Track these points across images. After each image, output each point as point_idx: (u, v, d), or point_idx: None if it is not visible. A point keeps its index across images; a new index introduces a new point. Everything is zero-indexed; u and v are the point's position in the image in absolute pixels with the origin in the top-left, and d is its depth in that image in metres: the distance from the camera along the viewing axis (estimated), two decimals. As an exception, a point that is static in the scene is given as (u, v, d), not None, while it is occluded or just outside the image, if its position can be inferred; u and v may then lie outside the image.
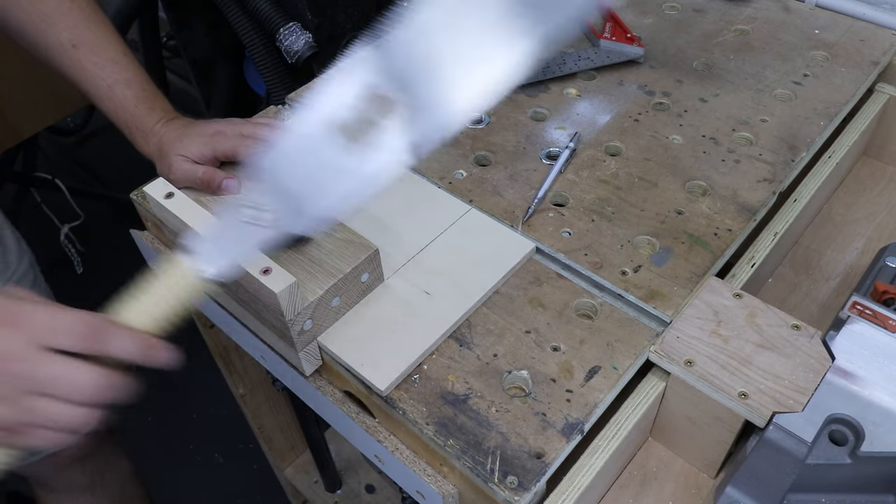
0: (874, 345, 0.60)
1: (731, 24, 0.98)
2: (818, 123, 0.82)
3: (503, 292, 0.69)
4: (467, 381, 0.62)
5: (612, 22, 0.95)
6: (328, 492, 1.37)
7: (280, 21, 1.17)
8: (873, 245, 0.82)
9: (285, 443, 1.34)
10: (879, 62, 0.89)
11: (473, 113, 0.72)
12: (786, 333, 0.62)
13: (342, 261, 0.64)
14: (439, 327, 0.64)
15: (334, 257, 0.64)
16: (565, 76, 0.91)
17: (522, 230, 0.73)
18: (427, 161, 0.81)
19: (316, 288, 0.61)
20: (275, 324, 0.62)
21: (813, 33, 0.95)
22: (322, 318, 0.63)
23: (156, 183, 0.67)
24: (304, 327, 0.62)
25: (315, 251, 0.65)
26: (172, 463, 1.67)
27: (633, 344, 0.64)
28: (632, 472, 0.66)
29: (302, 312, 0.60)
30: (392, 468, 0.66)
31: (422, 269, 0.69)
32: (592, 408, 0.59)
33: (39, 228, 1.98)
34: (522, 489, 0.55)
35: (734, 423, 0.59)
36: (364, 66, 0.45)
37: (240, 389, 1.11)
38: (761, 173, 0.77)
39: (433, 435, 0.58)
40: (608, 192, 0.76)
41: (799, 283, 0.79)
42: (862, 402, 0.56)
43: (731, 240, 0.71)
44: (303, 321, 0.61)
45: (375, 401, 0.63)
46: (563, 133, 0.84)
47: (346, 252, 0.64)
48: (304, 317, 0.61)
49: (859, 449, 0.54)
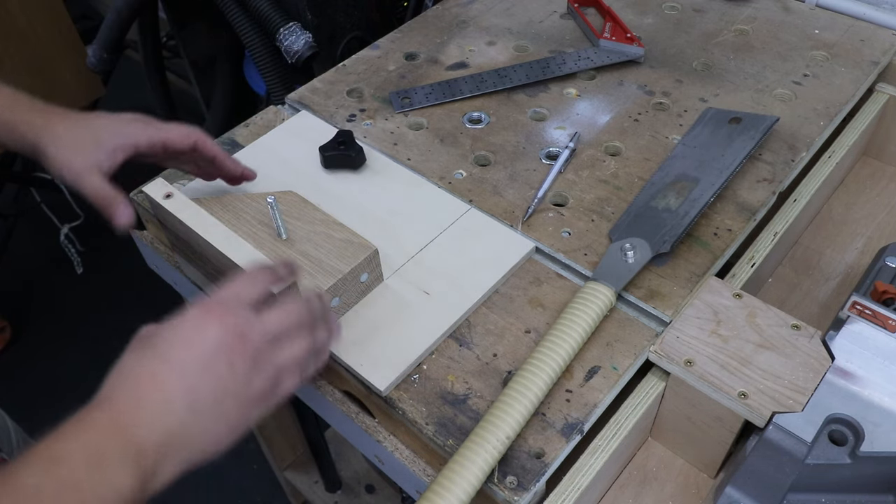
0: (874, 345, 0.59)
1: (731, 24, 0.98)
2: (818, 123, 0.82)
3: (503, 292, 0.69)
4: (467, 381, 0.62)
5: (611, 22, 0.95)
6: (328, 492, 1.37)
7: (280, 21, 1.17)
8: (873, 245, 0.82)
9: (285, 443, 1.34)
10: (879, 62, 0.89)
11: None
12: (786, 333, 0.61)
13: (341, 261, 0.64)
14: (439, 327, 0.64)
15: (333, 257, 0.64)
16: (565, 76, 0.91)
17: (522, 230, 0.73)
18: (427, 161, 0.81)
19: (315, 288, 0.61)
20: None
21: (813, 33, 0.95)
22: None
23: (155, 183, 0.67)
24: None
25: (314, 251, 0.65)
26: (172, 463, 1.66)
27: (632, 344, 0.64)
28: (632, 472, 0.66)
29: None
30: (392, 468, 0.66)
31: (422, 269, 0.69)
32: (592, 408, 0.59)
33: (39, 228, 1.98)
34: (522, 489, 0.55)
35: (734, 423, 0.59)
36: None
37: (240, 389, 1.11)
38: (761, 173, 0.77)
39: (433, 435, 0.58)
40: (608, 192, 0.76)
41: (799, 283, 0.79)
42: (862, 402, 0.56)
43: (731, 240, 0.71)
44: None
45: (375, 401, 0.63)
46: (563, 133, 0.84)
47: (346, 252, 0.64)
48: None
49: (859, 449, 0.53)
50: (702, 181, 0.73)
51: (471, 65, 0.94)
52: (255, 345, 0.47)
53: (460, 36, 0.99)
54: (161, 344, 0.46)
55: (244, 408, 0.47)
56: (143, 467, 0.42)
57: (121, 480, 0.41)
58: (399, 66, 0.94)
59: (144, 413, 0.43)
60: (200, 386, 0.45)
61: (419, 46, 0.97)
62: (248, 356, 0.47)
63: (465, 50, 0.96)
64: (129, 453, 0.42)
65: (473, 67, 0.93)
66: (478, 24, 1.01)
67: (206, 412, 0.45)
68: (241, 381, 0.46)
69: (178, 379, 0.44)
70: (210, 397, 0.45)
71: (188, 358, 0.45)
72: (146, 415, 0.43)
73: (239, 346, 0.46)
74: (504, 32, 0.99)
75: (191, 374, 0.45)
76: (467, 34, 0.99)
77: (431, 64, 0.94)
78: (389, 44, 0.98)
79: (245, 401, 0.47)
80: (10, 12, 1.71)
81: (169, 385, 0.44)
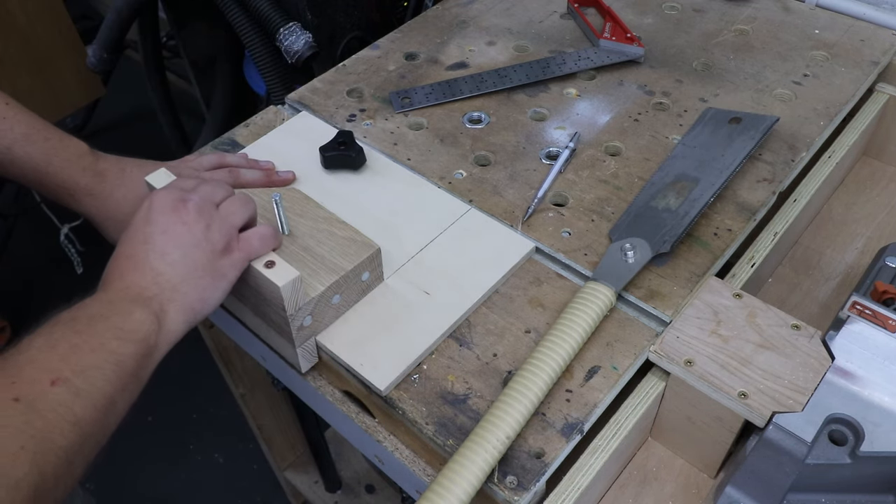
0: (874, 345, 0.59)
1: (731, 24, 0.98)
2: (818, 123, 0.82)
3: (503, 292, 0.69)
4: (467, 381, 0.62)
5: (611, 22, 0.95)
6: (328, 492, 1.37)
7: (280, 21, 1.17)
8: (873, 245, 0.82)
9: (285, 443, 1.34)
10: (879, 62, 0.89)
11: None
12: (786, 333, 0.61)
13: (344, 258, 0.64)
14: (439, 327, 0.64)
15: (336, 254, 0.64)
16: (565, 76, 0.91)
17: (522, 230, 0.73)
18: (427, 161, 0.81)
19: (317, 284, 0.61)
20: (274, 318, 0.62)
21: (813, 33, 0.95)
22: (322, 315, 0.63)
23: (158, 173, 0.66)
24: (304, 323, 0.62)
25: (317, 247, 0.65)
26: (172, 463, 1.67)
27: (632, 344, 0.64)
28: (632, 471, 0.66)
29: (303, 308, 0.60)
30: (392, 468, 0.66)
31: (422, 268, 0.69)
32: (592, 408, 0.59)
33: (39, 228, 1.98)
34: (522, 489, 0.55)
35: (734, 422, 0.59)
36: None
37: (240, 389, 1.11)
38: (761, 173, 0.77)
39: (433, 435, 0.58)
40: (608, 192, 0.76)
41: (799, 283, 0.79)
42: (862, 402, 0.56)
43: (731, 240, 0.71)
44: (303, 317, 0.61)
45: (375, 401, 0.63)
46: (563, 133, 0.84)
47: (349, 250, 0.64)
48: (305, 312, 0.61)
49: (859, 449, 0.54)
50: (702, 181, 0.73)
51: (471, 65, 0.94)
52: (195, 202, 0.58)
53: (460, 36, 0.99)
54: (127, 235, 0.57)
55: (213, 256, 0.57)
56: (152, 308, 0.53)
57: (137, 314, 0.52)
58: (399, 66, 0.94)
59: (132, 276, 0.54)
60: (166, 247, 0.55)
61: (419, 46, 0.97)
62: (193, 212, 0.57)
63: (465, 50, 0.96)
64: (134, 298, 0.53)
65: (473, 67, 0.93)
66: (478, 24, 1.01)
67: (180, 264, 0.55)
68: (199, 234, 0.56)
69: (149, 249, 0.55)
70: (178, 252, 0.56)
71: (150, 231, 0.56)
72: (134, 276, 0.54)
73: (182, 207, 0.57)
74: (504, 32, 0.99)
75: (157, 241, 0.56)
76: (467, 34, 0.99)
77: (431, 64, 0.94)
78: (389, 44, 0.98)
79: (211, 251, 0.57)
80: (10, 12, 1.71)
81: (143, 255, 0.55)
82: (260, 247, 0.59)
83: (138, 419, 1.72)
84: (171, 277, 0.55)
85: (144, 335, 0.52)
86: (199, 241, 0.56)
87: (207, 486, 1.61)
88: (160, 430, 1.71)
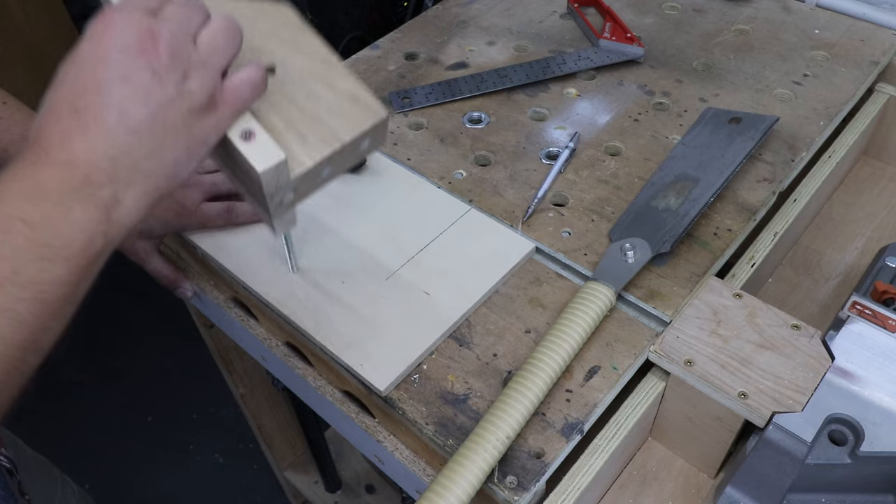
0: (874, 345, 0.60)
1: (731, 24, 0.98)
2: (818, 123, 0.82)
3: (503, 292, 0.69)
4: (467, 381, 0.62)
5: (611, 22, 0.95)
6: (328, 492, 1.37)
7: (280, 21, 1.17)
8: (873, 245, 0.82)
9: (285, 443, 1.34)
10: (879, 62, 0.89)
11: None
12: (786, 333, 0.61)
13: (343, 123, 0.49)
14: (439, 327, 0.64)
15: (334, 116, 0.49)
16: (565, 76, 0.91)
17: (522, 230, 0.73)
18: (427, 161, 0.81)
19: (305, 158, 0.47)
20: (249, 188, 0.51)
21: (813, 33, 0.95)
22: (307, 188, 0.52)
23: None
24: (284, 200, 0.50)
25: (309, 102, 0.49)
26: (172, 463, 1.67)
27: (632, 344, 0.64)
28: (632, 472, 0.66)
29: (285, 186, 0.48)
30: (392, 468, 0.66)
31: (422, 269, 0.69)
32: (592, 408, 0.59)
33: (39, 228, 1.97)
34: (522, 489, 0.55)
35: (734, 423, 0.59)
36: None
37: (240, 389, 1.11)
38: (761, 173, 0.77)
39: (433, 435, 0.58)
40: (608, 192, 0.76)
41: (799, 283, 0.79)
42: (862, 402, 0.56)
43: (731, 240, 0.71)
44: (283, 194, 0.49)
45: (375, 401, 0.63)
46: (562, 133, 0.84)
47: (351, 111, 0.49)
48: (287, 189, 0.49)
49: (859, 449, 0.54)
50: (702, 181, 0.73)
51: (471, 65, 0.94)
52: (168, 39, 0.41)
53: (460, 36, 0.99)
54: (71, 72, 0.41)
55: (191, 117, 0.42)
56: (99, 197, 0.40)
57: (77, 212, 0.39)
58: (399, 66, 0.94)
59: (76, 144, 0.39)
60: (128, 102, 0.40)
61: (419, 46, 0.97)
62: (165, 55, 0.41)
63: (465, 50, 0.96)
64: (75, 185, 0.39)
65: (473, 67, 0.93)
66: (478, 24, 1.01)
67: (146, 130, 0.41)
68: (172, 86, 0.41)
69: (102, 103, 0.40)
70: (143, 112, 0.40)
71: (104, 75, 0.40)
72: (79, 146, 0.39)
73: (151, 46, 0.41)
74: (504, 32, 0.99)
75: (112, 92, 0.40)
76: (467, 34, 0.99)
77: (431, 64, 0.94)
78: (389, 44, 0.98)
79: (188, 110, 0.42)
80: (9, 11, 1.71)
81: (95, 110, 0.40)
82: (251, 97, 0.45)
83: (138, 419, 1.72)
84: (132, 152, 0.40)
85: (84, 244, 0.39)
86: (173, 98, 0.41)
87: (207, 486, 1.61)
88: (160, 430, 1.71)
